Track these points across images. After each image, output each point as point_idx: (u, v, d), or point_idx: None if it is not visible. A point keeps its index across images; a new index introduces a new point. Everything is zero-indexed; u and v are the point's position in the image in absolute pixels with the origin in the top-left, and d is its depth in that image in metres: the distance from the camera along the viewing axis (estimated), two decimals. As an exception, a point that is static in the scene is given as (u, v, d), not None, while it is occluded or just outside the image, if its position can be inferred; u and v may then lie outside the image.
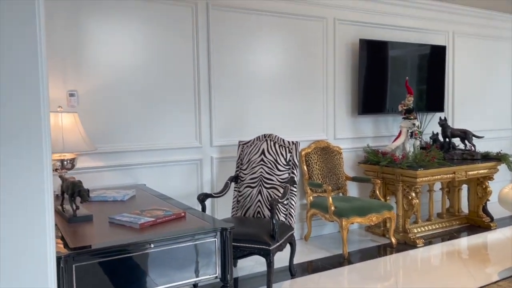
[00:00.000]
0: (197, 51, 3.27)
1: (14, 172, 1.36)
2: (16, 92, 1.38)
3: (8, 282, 1.31)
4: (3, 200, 1.32)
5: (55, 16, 2.74)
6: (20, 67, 1.36)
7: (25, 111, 1.39)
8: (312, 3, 3.73)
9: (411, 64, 4.29)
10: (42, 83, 1.42)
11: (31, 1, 1.35)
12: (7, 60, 1.33)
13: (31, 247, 1.34)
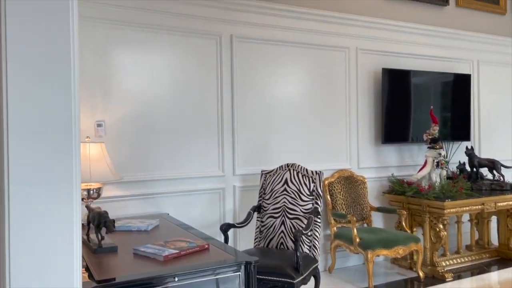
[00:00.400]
0: (221, 81, 3.32)
1: (43, 202, 1.38)
2: (49, 124, 1.42)
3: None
4: (32, 230, 1.34)
5: (85, 47, 2.84)
6: (54, 100, 1.40)
7: (57, 143, 1.42)
8: (334, 33, 3.77)
9: (434, 92, 4.25)
10: (74, 116, 1.46)
11: (67, 40, 1.40)
12: (42, 94, 1.38)
13: (58, 278, 1.34)
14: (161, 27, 3.10)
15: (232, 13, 3.35)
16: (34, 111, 1.38)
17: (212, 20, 3.28)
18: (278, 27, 3.53)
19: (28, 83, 1.37)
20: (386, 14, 4.04)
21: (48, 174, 1.39)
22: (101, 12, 2.90)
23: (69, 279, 1.35)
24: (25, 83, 1.37)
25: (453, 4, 4.44)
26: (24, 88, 1.37)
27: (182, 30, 3.17)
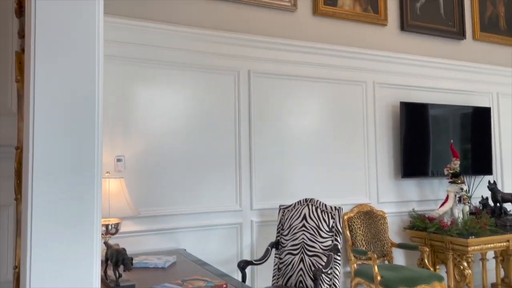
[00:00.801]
0: (239, 115, 3.34)
1: (64, 240, 1.39)
2: (72, 162, 1.43)
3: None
4: (53, 266, 1.34)
5: (106, 84, 2.90)
6: (78, 139, 1.42)
7: (79, 180, 1.44)
8: (350, 68, 3.79)
9: (453, 125, 4.20)
10: (97, 155, 1.47)
11: (92, 79, 1.43)
12: (67, 131, 1.40)
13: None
14: (180, 64, 3.17)
15: (250, 50, 3.40)
16: (58, 149, 1.40)
17: (230, 57, 3.34)
18: (295, 62, 3.57)
19: (54, 121, 1.40)
20: (402, 48, 4.06)
21: (70, 212, 1.40)
22: (122, 51, 2.98)
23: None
24: (51, 121, 1.40)
25: (470, 37, 4.44)
26: (50, 126, 1.40)
27: (200, 66, 3.23)
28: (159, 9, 3.14)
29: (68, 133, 1.40)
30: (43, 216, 1.38)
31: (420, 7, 4.16)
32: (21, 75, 1.48)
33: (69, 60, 1.46)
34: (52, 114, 1.38)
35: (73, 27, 1.48)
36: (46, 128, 1.38)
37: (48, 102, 1.40)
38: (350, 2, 3.84)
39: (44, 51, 1.43)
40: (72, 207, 1.41)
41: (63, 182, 1.39)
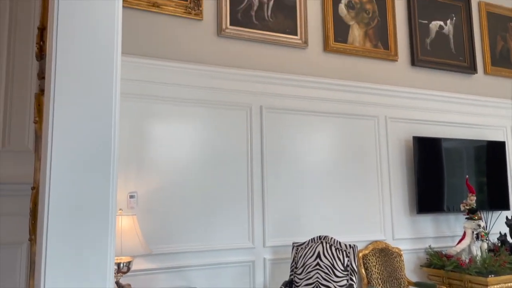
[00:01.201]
0: (251, 150, 3.34)
1: (78, 279, 1.37)
2: (87, 201, 1.43)
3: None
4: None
5: (120, 120, 2.94)
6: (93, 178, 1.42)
7: (94, 220, 1.43)
8: (362, 102, 3.80)
9: (467, 160, 4.14)
10: (112, 195, 1.47)
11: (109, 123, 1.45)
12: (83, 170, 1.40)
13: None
14: (194, 101, 3.20)
15: (262, 86, 3.44)
16: (74, 191, 1.40)
17: (243, 93, 3.37)
18: (306, 97, 3.59)
19: (71, 162, 1.41)
20: (414, 83, 4.08)
21: (84, 254, 1.39)
22: (137, 88, 3.03)
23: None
24: (68, 161, 1.41)
25: (481, 72, 4.45)
26: (66, 166, 1.41)
27: (213, 102, 3.27)
28: (173, 48, 3.21)
29: (85, 174, 1.41)
30: (58, 257, 1.37)
31: (430, 42, 4.20)
32: (39, 116, 1.51)
33: (87, 101, 1.48)
34: (69, 155, 1.39)
35: (92, 69, 1.51)
36: (63, 169, 1.39)
37: (66, 143, 1.42)
38: (360, 38, 3.90)
39: (63, 92, 1.46)
40: (86, 248, 1.40)
41: (78, 224, 1.39)
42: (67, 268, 1.37)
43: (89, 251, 1.40)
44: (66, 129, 1.44)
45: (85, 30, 1.51)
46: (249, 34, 3.44)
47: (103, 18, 1.54)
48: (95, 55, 1.52)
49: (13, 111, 1.97)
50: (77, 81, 1.48)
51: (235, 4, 3.42)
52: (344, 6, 3.87)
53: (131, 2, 3.07)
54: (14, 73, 1.81)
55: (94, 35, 1.52)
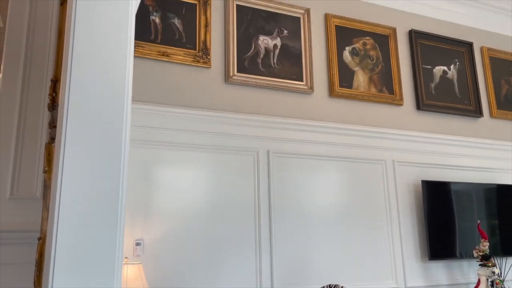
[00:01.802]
0: (258, 194, 3.32)
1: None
2: (93, 252, 1.41)
3: None
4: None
5: (129, 168, 2.96)
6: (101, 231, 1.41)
7: (100, 272, 1.41)
8: (369, 147, 3.81)
9: (478, 203, 4.08)
10: (118, 246, 1.46)
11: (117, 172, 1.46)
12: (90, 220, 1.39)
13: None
14: (200, 146, 3.23)
15: (269, 131, 3.47)
16: (81, 241, 1.39)
17: (249, 138, 3.40)
18: (313, 142, 3.61)
19: (79, 213, 1.41)
20: (420, 127, 4.09)
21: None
22: (144, 135, 3.07)
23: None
24: (76, 212, 1.41)
25: (487, 115, 4.47)
26: (74, 217, 1.41)
27: (220, 147, 3.29)
28: (181, 94, 3.28)
29: (92, 225, 1.40)
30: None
31: (435, 87, 4.26)
32: (49, 166, 1.52)
33: (97, 150, 1.50)
34: (77, 205, 1.39)
35: (102, 118, 1.53)
36: (71, 219, 1.38)
37: (74, 192, 1.42)
38: (365, 83, 3.96)
39: (73, 141, 1.48)
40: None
41: (84, 276, 1.37)
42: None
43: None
44: (75, 178, 1.44)
45: (97, 80, 1.55)
46: (256, 81, 3.51)
47: (114, 70, 1.59)
48: (106, 106, 1.55)
49: (23, 159, 1.99)
50: (88, 130, 1.50)
51: (242, 52, 3.52)
52: (349, 53, 3.96)
53: (143, 52, 3.17)
54: (26, 122, 1.85)
55: (106, 85, 1.56)
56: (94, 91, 1.53)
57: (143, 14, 3.23)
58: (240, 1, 3.61)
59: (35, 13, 1.98)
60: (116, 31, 1.61)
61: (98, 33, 1.58)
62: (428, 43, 4.35)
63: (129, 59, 1.61)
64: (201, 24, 3.42)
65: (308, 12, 3.85)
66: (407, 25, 4.33)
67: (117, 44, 1.61)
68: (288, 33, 3.74)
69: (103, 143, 1.51)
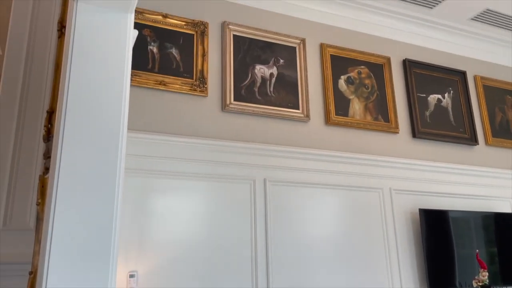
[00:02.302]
0: (255, 223, 3.29)
1: None
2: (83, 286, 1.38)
3: None
4: None
5: (123, 198, 2.93)
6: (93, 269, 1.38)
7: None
8: (366, 174, 3.80)
9: (476, 231, 4.05)
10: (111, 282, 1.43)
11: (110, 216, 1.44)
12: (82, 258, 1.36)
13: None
14: (196, 175, 3.21)
15: (265, 159, 3.47)
16: (72, 277, 1.36)
17: (246, 166, 3.39)
18: (310, 170, 3.60)
19: (71, 248, 1.38)
20: (416, 155, 4.10)
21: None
22: (139, 164, 3.06)
23: None
24: (67, 248, 1.38)
25: (482, 143, 4.50)
26: (66, 252, 1.38)
27: (216, 176, 3.27)
28: (178, 123, 3.29)
29: (84, 260, 1.37)
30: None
31: (430, 115, 4.29)
32: (42, 198, 1.51)
33: (91, 181, 1.49)
34: (70, 238, 1.37)
35: (97, 150, 1.53)
36: (63, 253, 1.36)
37: (67, 226, 1.40)
38: (361, 111, 3.99)
39: (67, 173, 1.47)
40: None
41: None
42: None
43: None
44: (68, 210, 1.43)
45: (92, 110, 1.55)
46: (253, 109, 3.53)
47: (110, 100, 1.59)
48: (100, 136, 1.55)
49: (17, 190, 1.97)
50: (82, 161, 1.50)
51: (239, 81, 3.55)
52: (344, 82, 4.00)
53: (140, 81, 3.20)
54: (21, 153, 1.84)
55: (101, 116, 1.56)
56: (89, 122, 1.54)
57: (140, 43, 3.27)
58: (237, 31, 3.67)
59: (33, 45, 2.00)
60: (113, 63, 1.62)
61: (95, 65, 1.59)
62: (422, 71, 4.41)
63: (125, 90, 1.62)
64: (198, 53, 3.46)
65: (303, 42, 3.91)
66: (401, 54, 4.40)
67: (114, 75, 1.62)
68: (284, 62, 3.79)
69: (97, 174, 1.50)
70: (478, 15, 4.44)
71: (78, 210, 1.44)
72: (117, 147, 1.55)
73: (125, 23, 1.59)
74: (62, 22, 1.74)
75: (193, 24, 3.52)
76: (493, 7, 4.31)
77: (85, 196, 1.45)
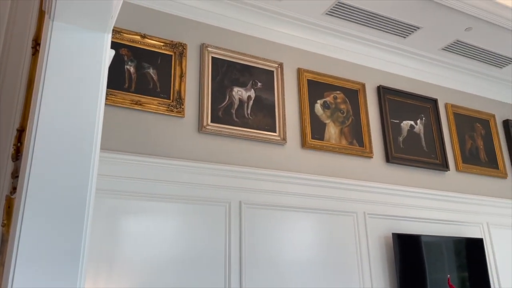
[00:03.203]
0: (229, 247, 3.24)
1: None
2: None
3: None
4: None
5: (93, 219, 2.85)
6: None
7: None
8: (340, 198, 3.83)
9: (448, 255, 4.10)
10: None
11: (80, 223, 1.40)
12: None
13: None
14: (171, 196, 3.17)
15: (241, 181, 3.45)
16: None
17: (221, 188, 3.37)
18: (285, 193, 3.60)
19: (36, 270, 1.33)
20: (389, 179, 4.17)
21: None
22: (112, 184, 3.00)
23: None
24: (33, 268, 1.33)
25: (453, 169, 4.61)
26: (31, 274, 1.33)
27: (191, 198, 3.23)
28: (153, 144, 3.25)
29: (50, 281, 1.32)
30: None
31: (403, 140, 4.39)
32: (8, 219, 1.45)
33: (60, 202, 1.45)
34: (35, 264, 1.32)
35: (67, 170, 1.49)
36: (28, 277, 1.31)
37: (33, 248, 1.35)
38: (336, 136, 4.04)
39: (35, 192, 1.43)
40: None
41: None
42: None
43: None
44: (34, 232, 1.38)
45: (64, 129, 1.52)
46: (229, 131, 3.53)
47: (83, 119, 1.57)
48: (72, 155, 1.51)
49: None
50: (51, 180, 1.46)
51: (216, 102, 3.56)
52: (320, 106, 4.07)
53: (115, 100, 3.17)
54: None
55: (73, 135, 1.53)
56: (60, 141, 1.51)
57: (117, 63, 3.26)
58: (215, 54, 3.70)
59: (6, 61, 1.97)
60: (88, 82, 1.61)
61: (69, 83, 1.57)
62: (395, 98, 4.53)
63: (99, 109, 1.60)
64: (176, 74, 3.46)
65: (281, 66, 3.97)
66: (376, 81, 4.51)
67: (88, 94, 1.60)
68: (262, 86, 3.83)
69: (66, 195, 1.46)
70: (449, 46, 4.62)
71: (46, 231, 1.39)
72: (88, 167, 1.52)
73: (102, 43, 1.59)
74: (37, 39, 1.72)
75: (171, 45, 3.53)
76: (463, 38, 4.49)
77: (53, 218, 1.41)
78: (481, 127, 5.01)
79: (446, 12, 4.07)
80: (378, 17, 4.13)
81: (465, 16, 4.12)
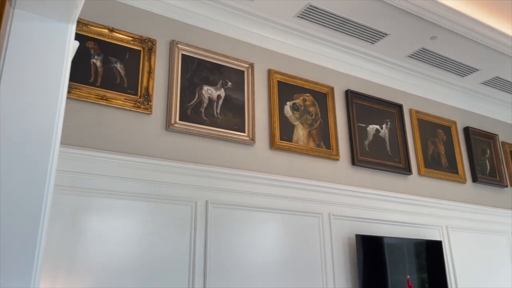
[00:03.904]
0: (194, 247, 3.21)
1: None
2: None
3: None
4: None
5: (52, 214, 2.76)
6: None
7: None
8: (306, 199, 3.87)
9: (409, 257, 4.22)
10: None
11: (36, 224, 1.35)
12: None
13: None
14: (135, 194, 3.11)
15: (208, 180, 3.43)
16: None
17: (188, 187, 3.33)
18: (253, 193, 3.60)
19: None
20: (355, 182, 4.24)
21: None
22: (74, 181, 2.91)
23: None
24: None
25: (415, 173, 4.74)
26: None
27: (156, 196, 3.18)
28: (119, 140, 3.18)
29: (3, 282, 1.27)
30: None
31: (369, 144, 4.48)
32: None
33: (16, 197, 1.39)
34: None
35: (26, 161, 1.44)
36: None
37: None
38: (305, 138, 4.08)
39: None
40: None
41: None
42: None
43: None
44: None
45: (23, 122, 1.47)
46: (198, 130, 3.50)
47: (43, 111, 1.51)
48: (29, 150, 1.46)
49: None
50: (8, 175, 1.40)
51: (185, 100, 3.52)
52: (289, 108, 4.09)
53: (80, 94, 3.08)
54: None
55: (32, 129, 1.48)
56: (18, 134, 1.45)
57: (83, 56, 3.17)
58: (185, 51, 3.66)
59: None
60: (49, 73, 1.55)
61: (29, 74, 1.51)
62: (362, 102, 4.62)
63: (60, 102, 1.55)
64: (144, 70, 3.40)
65: (252, 66, 3.97)
66: (344, 85, 4.58)
67: (49, 86, 1.54)
68: (232, 85, 3.82)
69: (23, 190, 1.41)
70: (415, 53, 4.75)
71: (1, 227, 1.33)
72: (47, 161, 1.47)
73: (65, 34, 1.54)
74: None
75: (140, 40, 3.47)
76: (428, 46, 4.63)
77: (7, 214, 1.35)
78: (443, 133, 5.18)
79: (413, 20, 4.19)
80: (348, 22, 4.20)
81: (431, 25, 4.25)
